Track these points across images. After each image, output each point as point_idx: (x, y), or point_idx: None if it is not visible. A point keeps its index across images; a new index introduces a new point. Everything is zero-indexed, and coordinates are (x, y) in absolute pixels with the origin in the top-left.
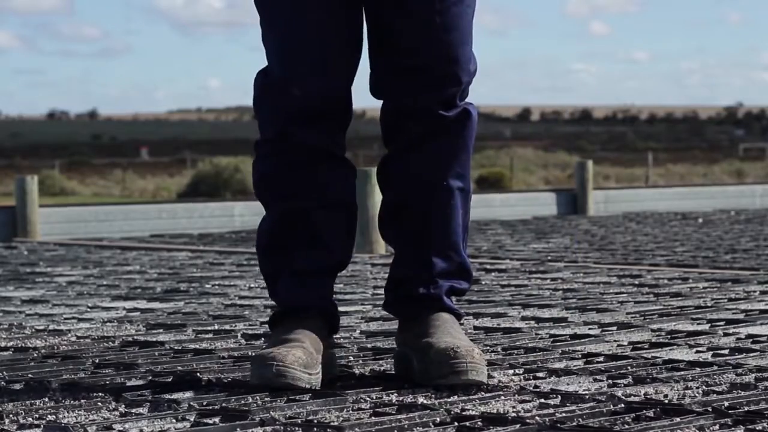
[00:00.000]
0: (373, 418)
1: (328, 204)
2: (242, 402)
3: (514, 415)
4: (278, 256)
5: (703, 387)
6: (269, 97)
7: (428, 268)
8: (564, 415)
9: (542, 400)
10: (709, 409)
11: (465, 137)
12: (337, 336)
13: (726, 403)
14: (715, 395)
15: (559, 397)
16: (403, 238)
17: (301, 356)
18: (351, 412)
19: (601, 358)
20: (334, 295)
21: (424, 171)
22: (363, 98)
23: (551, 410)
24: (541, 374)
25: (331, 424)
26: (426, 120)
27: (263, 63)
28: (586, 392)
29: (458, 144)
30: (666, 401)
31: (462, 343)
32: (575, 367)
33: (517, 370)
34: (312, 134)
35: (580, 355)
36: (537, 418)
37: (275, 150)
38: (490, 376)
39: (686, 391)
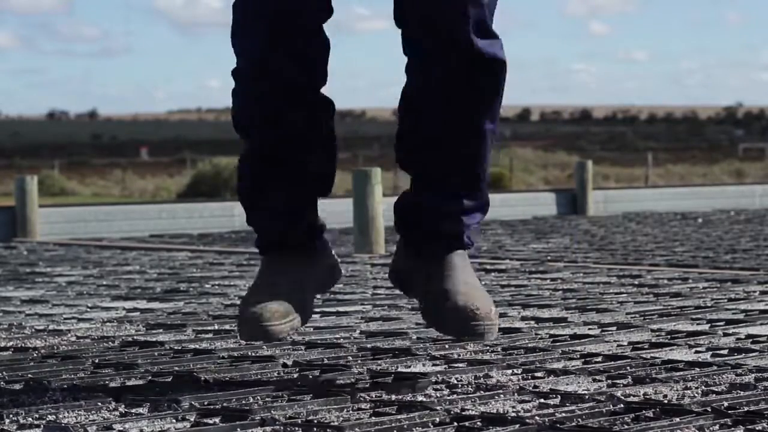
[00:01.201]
0: (373, 418)
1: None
2: (242, 402)
3: (513, 415)
4: (255, 193)
5: (703, 387)
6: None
7: (456, 203)
8: (563, 415)
9: (541, 400)
10: (709, 409)
11: (501, 80)
12: (337, 336)
13: (726, 404)
14: (714, 395)
15: (559, 397)
16: (427, 167)
17: (277, 308)
18: (351, 412)
19: (600, 359)
20: (315, 217)
21: (460, 109)
22: (363, 98)
23: (551, 410)
24: (540, 374)
25: (331, 424)
26: (459, 49)
27: None
28: (586, 392)
29: (494, 84)
30: (666, 401)
31: (479, 299)
32: (574, 368)
33: (515, 370)
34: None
35: (579, 356)
36: (537, 418)
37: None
38: (488, 376)
39: (686, 392)
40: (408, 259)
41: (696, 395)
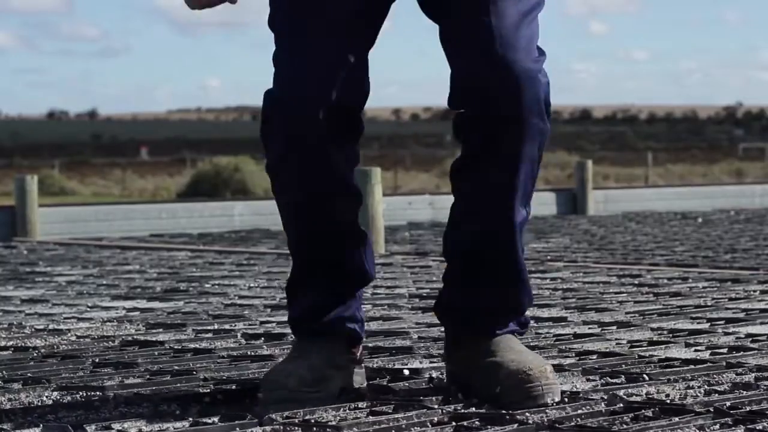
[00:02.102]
0: (370, 417)
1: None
2: (241, 402)
3: (512, 414)
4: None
5: (705, 386)
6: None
7: (504, 302)
8: (562, 414)
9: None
10: (710, 408)
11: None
12: None
13: (727, 403)
14: (716, 395)
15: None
16: (477, 268)
17: (305, 375)
18: (348, 411)
19: (599, 357)
20: (356, 309)
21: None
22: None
23: (551, 410)
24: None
25: (329, 423)
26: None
27: (262, 62)
28: (585, 392)
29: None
30: (667, 401)
31: (531, 361)
32: (573, 367)
33: None
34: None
35: (577, 354)
36: (535, 417)
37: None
38: None
39: (687, 391)
40: (453, 352)
41: (698, 395)
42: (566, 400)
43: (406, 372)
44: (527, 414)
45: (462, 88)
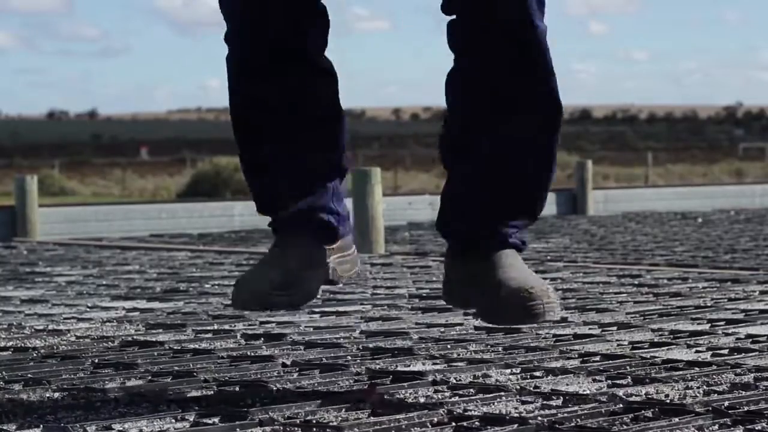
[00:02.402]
0: (371, 417)
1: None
2: (242, 402)
3: (515, 415)
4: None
5: (704, 387)
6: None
7: (503, 203)
8: (563, 415)
9: (542, 400)
10: (709, 409)
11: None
12: (337, 336)
13: (726, 403)
14: (715, 395)
15: (559, 397)
16: (478, 172)
17: (276, 278)
18: (349, 411)
19: (600, 358)
20: (330, 199)
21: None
22: (363, 98)
23: (551, 410)
24: (539, 374)
25: (330, 424)
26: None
27: None
28: (586, 392)
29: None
30: (667, 401)
31: (532, 281)
32: (574, 367)
33: (514, 370)
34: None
35: (579, 355)
36: (539, 418)
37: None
38: (487, 376)
39: (686, 391)
40: (453, 265)
41: (697, 395)
42: (566, 400)
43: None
44: (526, 414)
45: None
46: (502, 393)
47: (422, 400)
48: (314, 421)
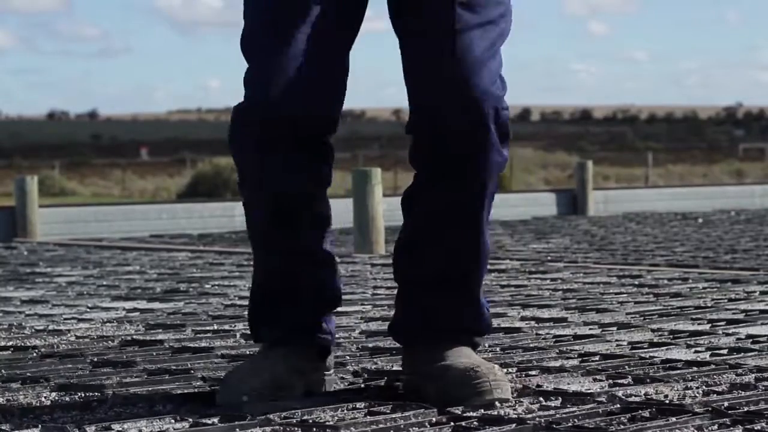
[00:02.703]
0: (368, 417)
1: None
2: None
3: (513, 415)
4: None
5: (703, 387)
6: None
7: (459, 316)
8: (560, 415)
9: (540, 400)
10: (708, 409)
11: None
12: (337, 336)
13: (725, 403)
14: (714, 395)
15: (557, 397)
16: (425, 276)
17: (266, 378)
18: (346, 411)
19: (599, 358)
20: (325, 320)
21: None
22: (363, 98)
23: (549, 411)
24: (535, 373)
25: (327, 423)
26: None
27: None
28: (584, 392)
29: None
30: (666, 401)
31: (481, 362)
32: (573, 367)
33: (511, 370)
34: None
35: (578, 355)
36: (537, 418)
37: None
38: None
39: (686, 391)
40: (410, 359)
41: (696, 395)
42: (564, 400)
43: None
44: (524, 414)
45: (422, 108)
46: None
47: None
48: (311, 421)
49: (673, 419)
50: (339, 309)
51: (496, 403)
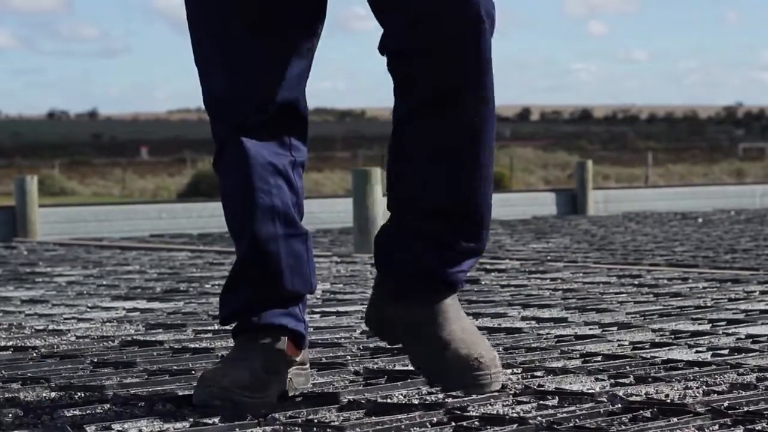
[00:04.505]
0: (372, 417)
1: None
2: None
3: (514, 415)
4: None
5: (704, 387)
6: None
7: (452, 240)
8: (562, 415)
9: (541, 401)
10: (709, 409)
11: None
12: (337, 335)
13: (726, 403)
14: (715, 395)
15: (558, 397)
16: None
17: (244, 378)
18: (350, 411)
19: (601, 358)
20: (303, 311)
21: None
22: (363, 98)
23: (549, 410)
24: (539, 373)
25: (331, 423)
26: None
27: None
28: (585, 392)
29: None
30: (667, 401)
31: (482, 347)
32: (575, 367)
33: (515, 370)
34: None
35: (580, 355)
36: (538, 418)
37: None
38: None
39: (686, 391)
40: (391, 304)
41: (696, 395)
42: (565, 400)
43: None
44: (525, 414)
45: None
46: (502, 393)
47: (422, 400)
48: (316, 421)
49: (675, 419)
50: (339, 309)
51: (491, 399)
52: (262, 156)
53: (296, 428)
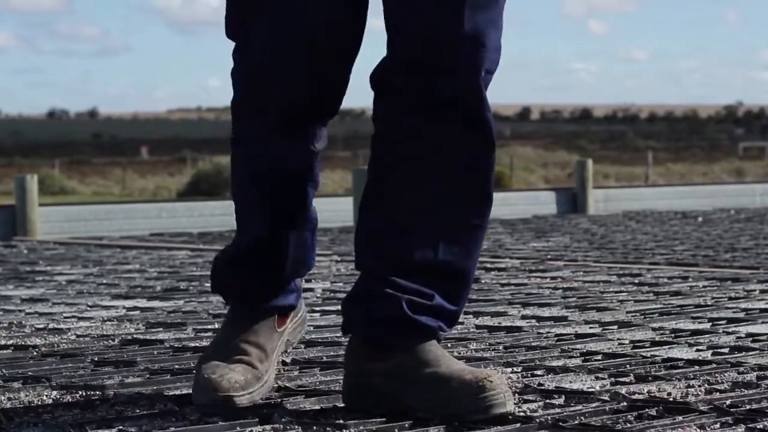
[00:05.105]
0: (375, 417)
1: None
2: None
3: (518, 414)
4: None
5: (705, 385)
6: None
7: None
8: (566, 413)
9: (545, 399)
10: (711, 407)
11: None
12: (338, 334)
13: (728, 402)
14: (717, 393)
15: (562, 395)
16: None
17: (239, 378)
18: (355, 411)
19: (601, 357)
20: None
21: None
22: (363, 98)
23: (554, 409)
24: (539, 372)
25: (332, 422)
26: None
27: None
28: (589, 391)
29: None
30: (670, 399)
31: (485, 371)
32: (576, 366)
33: (515, 369)
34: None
35: (580, 354)
36: (542, 417)
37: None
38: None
39: (688, 390)
40: (370, 362)
41: (699, 393)
42: (569, 399)
43: None
44: (530, 413)
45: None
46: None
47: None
48: (316, 419)
49: (679, 417)
50: (339, 308)
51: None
52: (283, 148)
53: (297, 427)
